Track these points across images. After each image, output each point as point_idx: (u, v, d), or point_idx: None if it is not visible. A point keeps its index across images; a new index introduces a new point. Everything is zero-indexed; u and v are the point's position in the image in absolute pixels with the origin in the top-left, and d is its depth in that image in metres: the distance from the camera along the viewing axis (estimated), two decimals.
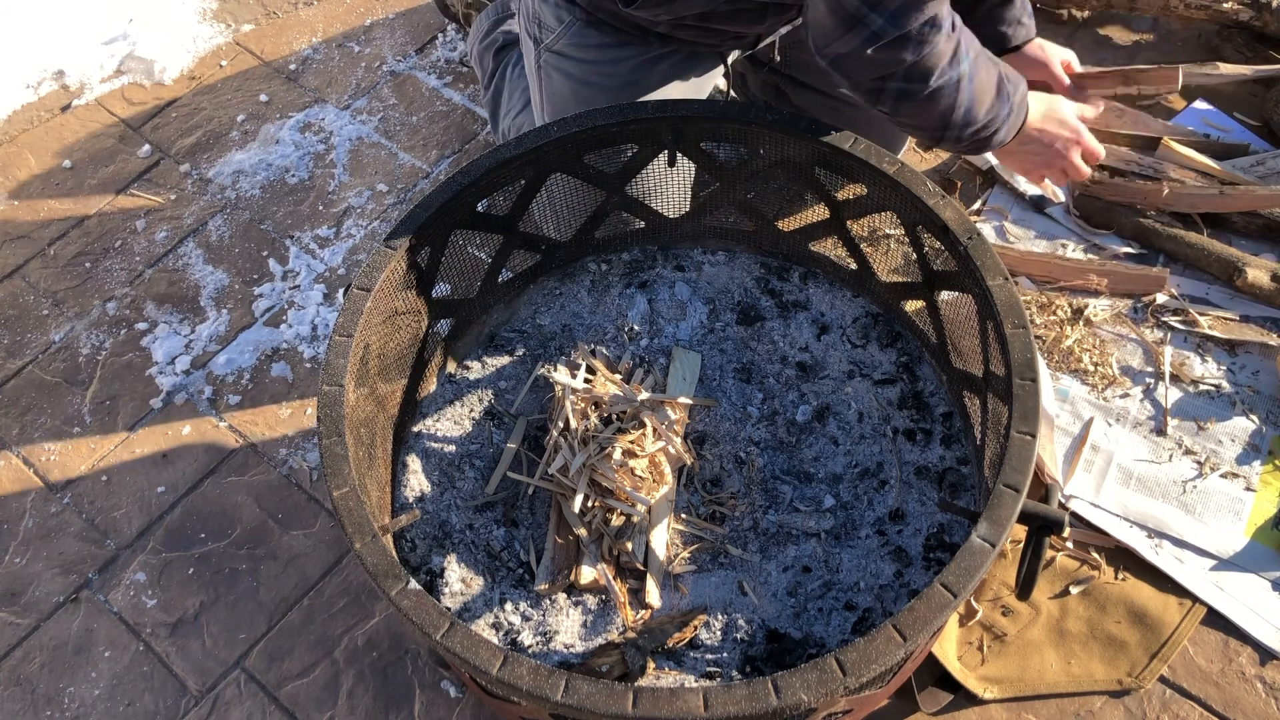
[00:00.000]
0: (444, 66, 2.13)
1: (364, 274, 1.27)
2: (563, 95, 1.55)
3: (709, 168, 1.48)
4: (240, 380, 1.72)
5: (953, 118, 1.28)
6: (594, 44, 1.49)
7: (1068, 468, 1.53)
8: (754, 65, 1.74)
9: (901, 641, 0.99)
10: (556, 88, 1.55)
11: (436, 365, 1.49)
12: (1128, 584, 1.44)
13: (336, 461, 1.13)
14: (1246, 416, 1.56)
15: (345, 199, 1.94)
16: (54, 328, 1.82)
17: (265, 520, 1.58)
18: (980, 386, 1.30)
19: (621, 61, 1.51)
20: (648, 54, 1.51)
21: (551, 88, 1.55)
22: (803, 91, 1.68)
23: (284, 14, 2.27)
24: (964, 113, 1.28)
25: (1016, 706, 1.37)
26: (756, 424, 1.45)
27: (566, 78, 1.54)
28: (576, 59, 1.51)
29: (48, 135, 2.09)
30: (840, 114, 1.67)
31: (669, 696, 0.96)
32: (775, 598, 1.31)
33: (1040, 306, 1.67)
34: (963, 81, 1.25)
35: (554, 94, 1.56)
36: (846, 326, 1.53)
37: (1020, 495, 1.07)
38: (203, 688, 1.44)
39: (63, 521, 1.60)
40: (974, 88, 1.27)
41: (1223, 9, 1.96)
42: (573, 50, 1.51)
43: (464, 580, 1.32)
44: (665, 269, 1.59)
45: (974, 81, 1.26)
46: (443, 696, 1.41)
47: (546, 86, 1.56)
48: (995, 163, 1.84)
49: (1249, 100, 1.92)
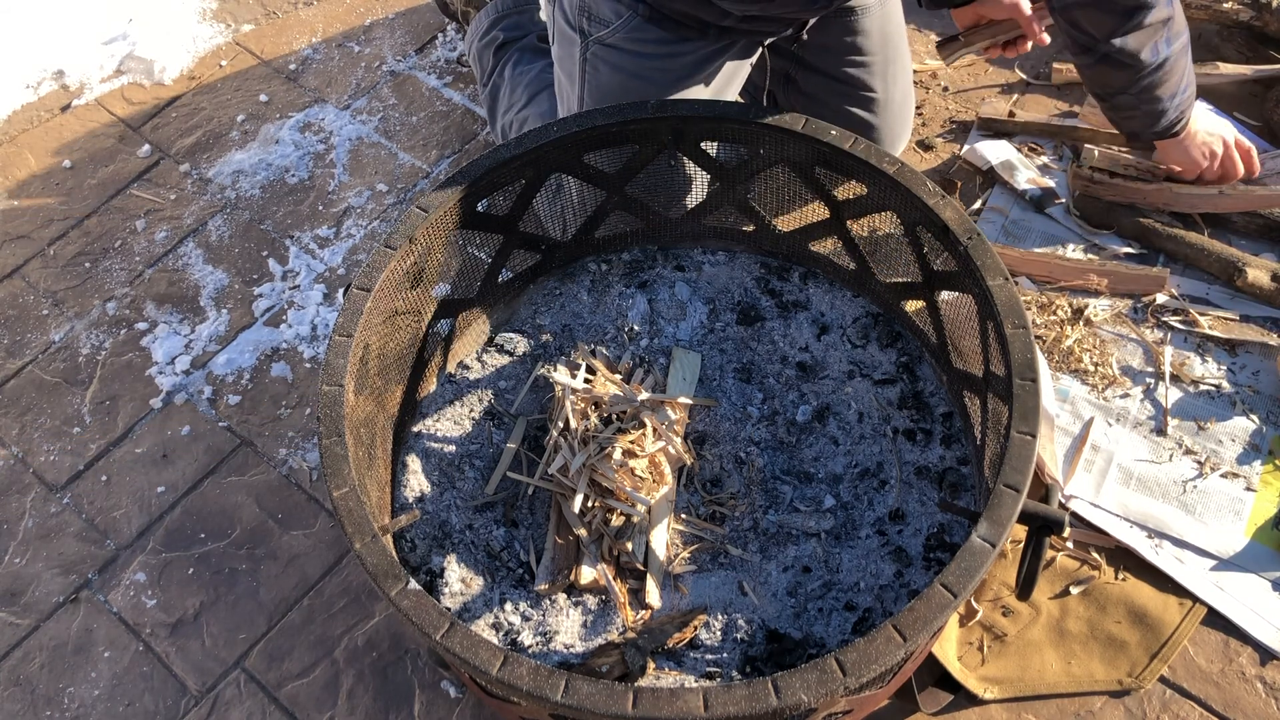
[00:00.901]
0: (444, 66, 2.13)
1: (364, 274, 1.27)
2: (609, 88, 1.55)
3: (709, 168, 1.48)
4: (240, 380, 1.72)
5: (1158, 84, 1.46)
6: (652, 39, 1.50)
7: (1068, 468, 1.53)
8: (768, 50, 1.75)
9: (901, 642, 0.99)
10: (604, 81, 1.55)
11: (436, 365, 1.49)
12: (1128, 584, 1.44)
13: (336, 461, 1.13)
14: (1247, 416, 1.56)
15: (345, 199, 1.94)
16: (54, 328, 1.82)
17: (265, 520, 1.58)
18: (980, 386, 1.30)
19: (678, 56, 1.52)
20: (704, 48, 1.52)
21: (598, 81, 1.55)
22: (810, 75, 1.68)
23: (284, 14, 2.27)
24: (1170, 90, 1.48)
25: (1016, 706, 1.36)
26: (756, 424, 1.45)
27: (617, 70, 1.54)
28: (631, 53, 1.52)
29: (48, 135, 2.09)
30: (850, 96, 1.68)
31: (669, 696, 0.96)
32: (775, 598, 1.31)
33: (1040, 306, 1.67)
34: (1178, 61, 1.44)
35: (599, 87, 1.56)
36: (846, 326, 1.53)
37: (1020, 495, 1.07)
38: (203, 688, 1.44)
39: (62, 521, 1.60)
40: (1181, 65, 1.45)
41: (1223, 9, 1.96)
42: (628, 44, 1.51)
43: (464, 580, 1.32)
44: (665, 269, 1.59)
45: (1180, 56, 1.44)
46: (443, 696, 1.41)
47: (592, 79, 1.56)
48: (993, 157, 1.84)
49: (1249, 100, 1.92)
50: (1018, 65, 2.01)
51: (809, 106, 1.70)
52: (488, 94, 1.89)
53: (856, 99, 1.69)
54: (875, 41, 1.65)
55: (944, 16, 2.13)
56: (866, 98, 1.69)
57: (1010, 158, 1.85)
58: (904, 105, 1.76)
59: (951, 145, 1.92)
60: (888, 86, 1.69)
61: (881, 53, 1.67)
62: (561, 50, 1.60)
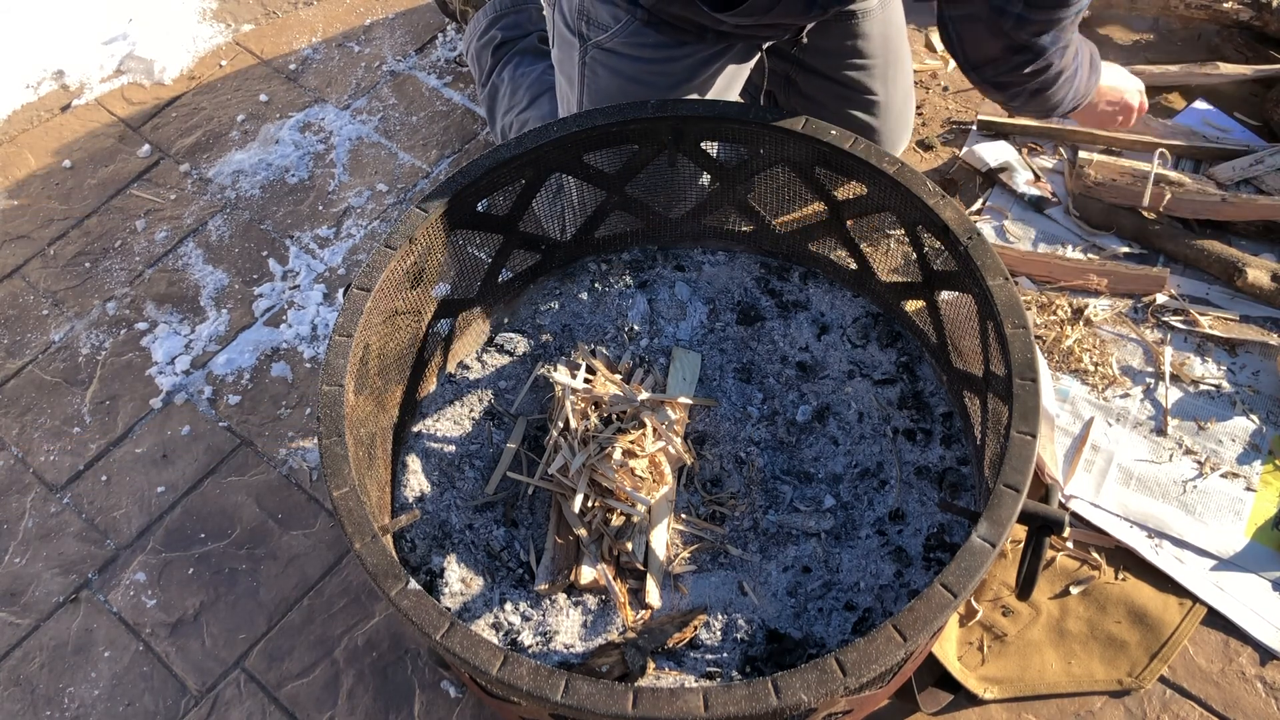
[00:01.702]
0: (444, 66, 2.13)
1: (364, 274, 1.27)
2: (608, 92, 1.55)
3: (709, 168, 1.48)
4: (240, 380, 1.72)
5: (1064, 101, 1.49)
6: (650, 43, 1.50)
7: (1068, 468, 1.53)
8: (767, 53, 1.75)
9: (901, 641, 0.99)
10: (603, 85, 1.55)
11: (436, 365, 1.49)
12: (1128, 584, 1.44)
13: (336, 461, 1.13)
14: (1247, 416, 1.56)
15: (345, 199, 1.94)
16: (54, 328, 1.82)
17: (265, 520, 1.58)
18: (980, 386, 1.30)
19: (676, 60, 1.52)
20: (702, 52, 1.52)
21: (597, 84, 1.55)
22: (811, 77, 1.69)
23: (284, 14, 2.27)
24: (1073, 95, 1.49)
25: (1016, 706, 1.36)
26: (756, 424, 1.45)
27: (615, 75, 1.54)
28: (630, 57, 1.52)
29: (48, 135, 2.09)
30: (850, 99, 1.68)
31: (669, 696, 0.96)
32: (775, 598, 1.31)
33: (1040, 306, 1.67)
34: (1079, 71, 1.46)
35: (598, 90, 1.56)
36: (846, 326, 1.53)
37: (1020, 495, 1.07)
38: (203, 688, 1.44)
39: (62, 521, 1.60)
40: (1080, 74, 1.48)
41: (1223, 9, 1.96)
42: (626, 49, 1.51)
43: (464, 580, 1.32)
44: (665, 269, 1.59)
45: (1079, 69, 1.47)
46: (443, 696, 1.41)
47: (591, 83, 1.56)
48: (993, 158, 1.84)
49: (1249, 100, 1.92)
50: None
51: (809, 108, 1.70)
52: (486, 94, 1.89)
53: (857, 102, 1.69)
54: (876, 44, 1.65)
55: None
56: (867, 100, 1.69)
57: (1009, 159, 1.85)
58: (904, 107, 1.76)
59: (951, 146, 1.92)
60: (888, 89, 1.69)
61: (882, 55, 1.67)
62: (561, 53, 1.61)
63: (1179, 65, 1.95)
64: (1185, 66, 1.95)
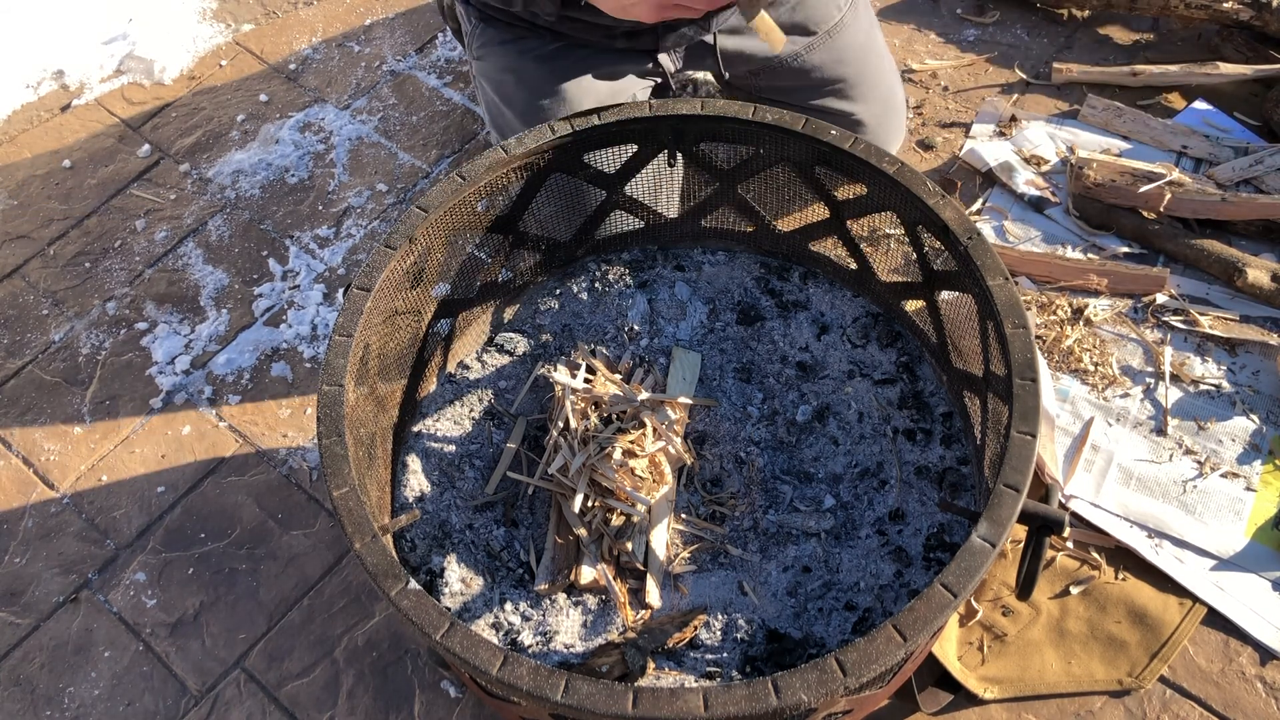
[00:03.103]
0: (444, 66, 2.13)
1: (364, 274, 1.27)
2: (495, 101, 1.53)
3: (709, 168, 1.48)
4: (240, 380, 1.72)
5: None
6: (495, 41, 1.48)
7: (1068, 468, 1.53)
8: (724, 85, 1.75)
9: (901, 641, 0.99)
10: (489, 95, 1.54)
11: (436, 365, 1.49)
12: (1128, 584, 1.44)
13: (336, 461, 1.13)
14: (1247, 416, 1.56)
15: (345, 199, 1.94)
16: (54, 328, 1.82)
17: (265, 520, 1.58)
18: (980, 386, 1.30)
19: (524, 55, 1.49)
20: (543, 49, 1.49)
21: (488, 95, 1.55)
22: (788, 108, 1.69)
23: (284, 14, 2.27)
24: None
25: (1016, 706, 1.37)
26: (756, 424, 1.45)
27: (489, 79, 1.53)
28: (492, 59, 1.51)
29: (48, 135, 2.09)
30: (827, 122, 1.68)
31: (669, 696, 0.96)
32: (775, 598, 1.31)
33: (1040, 306, 1.67)
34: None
35: (492, 102, 1.55)
36: (846, 326, 1.53)
37: (1020, 495, 1.07)
38: (203, 688, 1.44)
39: (62, 521, 1.60)
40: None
41: (1223, 9, 1.96)
42: (486, 52, 1.50)
43: (464, 580, 1.32)
44: (665, 269, 1.59)
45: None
46: (443, 696, 1.41)
47: (485, 94, 1.56)
48: (993, 158, 1.84)
49: (1249, 100, 1.92)
50: (1018, 65, 2.01)
51: None
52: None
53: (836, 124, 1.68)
54: (831, 70, 1.63)
55: (943, 15, 2.13)
56: (845, 122, 1.68)
57: (1009, 159, 1.85)
58: (885, 115, 1.73)
59: (951, 146, 1.92)
60: (863, 105, 1.68)
61: (843, 77, 1.65)
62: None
63: (1179, 65, 1.95)
64: (1185, 66, 1.95)
